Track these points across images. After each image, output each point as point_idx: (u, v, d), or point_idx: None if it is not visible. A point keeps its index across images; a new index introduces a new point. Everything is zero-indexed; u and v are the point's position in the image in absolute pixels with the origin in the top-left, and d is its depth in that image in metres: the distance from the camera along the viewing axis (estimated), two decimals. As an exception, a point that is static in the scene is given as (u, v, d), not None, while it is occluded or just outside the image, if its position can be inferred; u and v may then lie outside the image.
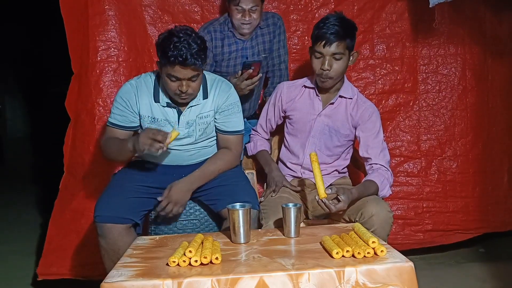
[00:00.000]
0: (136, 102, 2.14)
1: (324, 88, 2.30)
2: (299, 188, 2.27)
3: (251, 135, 2.59)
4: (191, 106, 2.15)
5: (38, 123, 7.63)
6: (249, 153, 2.57)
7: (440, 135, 3.04)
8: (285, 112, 2.44)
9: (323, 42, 2.15)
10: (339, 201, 1.97)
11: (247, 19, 2.46)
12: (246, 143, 2.56)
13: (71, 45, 2.70)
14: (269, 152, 2.54)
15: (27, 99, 8.09)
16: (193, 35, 1.98)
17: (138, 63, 2.77)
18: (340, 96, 2.33)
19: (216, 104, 2.19)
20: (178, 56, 1.92)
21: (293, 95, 2.40)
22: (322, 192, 1.94)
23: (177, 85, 2.01)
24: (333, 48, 2.15)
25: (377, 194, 2.16)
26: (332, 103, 2.33)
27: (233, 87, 2.26)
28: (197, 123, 2.17)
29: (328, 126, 2.34)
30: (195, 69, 1.98)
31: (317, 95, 2.35)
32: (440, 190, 3.02)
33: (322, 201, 1.95)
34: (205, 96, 2.17)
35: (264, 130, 2.56)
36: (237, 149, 2.26)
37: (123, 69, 2.72)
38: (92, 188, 2.68)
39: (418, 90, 3.02)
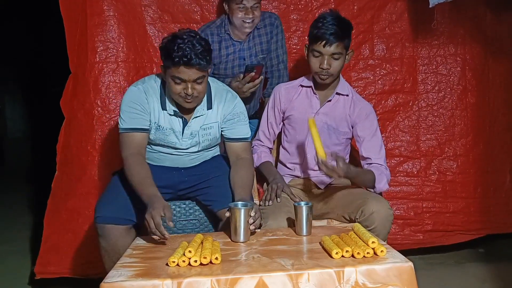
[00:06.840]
0: (148, 105, 2.08)
1: (323, 84, 2.30)
2: (297, 199, 2.26)
3: (254, 147, 2.50)
4: (196, 117, 2.12)
5: (38, 123, 7.62)
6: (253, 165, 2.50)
7: (439, 135, 3.03)
8: (284, 113, 2.44)
9: (323, 42, 2.18)
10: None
11: (250, 16, 2.46)
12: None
13: (69, 45, 2.69)
14: (273, 164, 2.47)
15: (27, 99, 8.08)
16: (197, 36, 1.95)
17: (138, 63, 2.77)
18: (337, 94, 2.35)
19: (222, 115, 2.16)
20: (182, 57, 1.88)
21: (290, 96, 2.41)
22: (322, 152, 1.99)
23: (182, 87, 1.96)
24: (333, 48, 2.19)
25: (374, 186, 2.19)
26: (330, 101, 2.34)
27: (238, 97, 2.23)
28: (201, 134, 2.15)
29: (326, 124, 2.34)
30: (200, 69, 1.93)
31: (314, 93, 2.36)
32: (440, 190, 3.02)
33: (322, 162, 1.98)
34: (209, 107, 2.14)
35: (266, 137, 2.50)
36: (249, 154, 2.23)
37: (122, 69, 2.72)
38: (89, 188, 2.67)
39: (418, 90, 3.02)
